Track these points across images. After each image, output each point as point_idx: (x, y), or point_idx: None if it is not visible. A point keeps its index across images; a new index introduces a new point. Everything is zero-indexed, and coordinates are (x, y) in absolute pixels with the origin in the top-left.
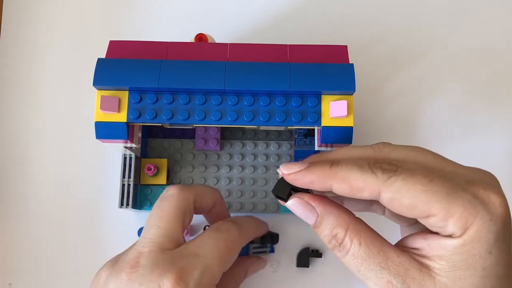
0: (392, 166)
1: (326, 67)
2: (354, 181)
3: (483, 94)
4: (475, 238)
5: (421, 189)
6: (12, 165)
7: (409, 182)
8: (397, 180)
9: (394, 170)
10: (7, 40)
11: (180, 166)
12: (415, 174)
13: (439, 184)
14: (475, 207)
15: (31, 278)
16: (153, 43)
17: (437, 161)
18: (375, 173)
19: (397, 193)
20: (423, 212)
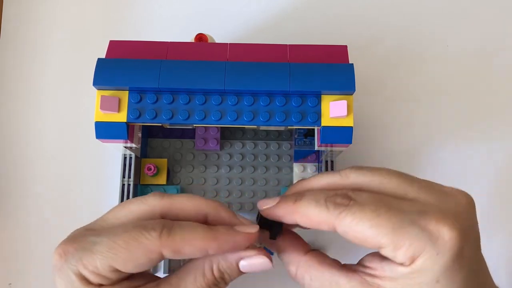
0: (345, 200)
1: (326, 67)
2: (312, 216)
3: (483, 94)
4: (421, 269)
5: (368, 225)
6: (12, 165)
7: (357, 218)
8: (346, 216)
9: (345, 205)
10: (7, 40)
11: (180, 166)
12: (364, 209)
13: (386, 219)
14: (421, 241)
15: (31, 278)
16: (153, 43)
17: (401, 186)
18: (328, 208)
19: (348, 228)
20: (374, 245)
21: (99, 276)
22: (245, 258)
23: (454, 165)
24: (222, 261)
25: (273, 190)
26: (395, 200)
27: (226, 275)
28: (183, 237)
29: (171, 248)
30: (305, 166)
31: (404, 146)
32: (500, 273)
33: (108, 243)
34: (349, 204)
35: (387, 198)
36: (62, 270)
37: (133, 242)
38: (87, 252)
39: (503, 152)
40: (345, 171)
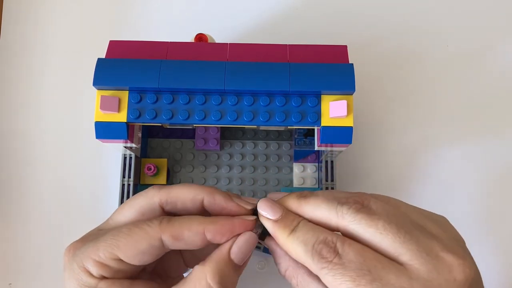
0: (329, 254)
1: (326, 67)
2: (299, 258)
3: (483, 94)
4: None
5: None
6: (12, 165)
7: (337, 281)
8: (328, 274)
9: (329, 260)
10: (7, 40)
11: (180, 166)
12: (345, 275)
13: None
14: None
15: (31, 278)
16: (153, 43)
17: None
18: (313, 258)
19: (328, 284)
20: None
21: (101, 267)
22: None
23: (454, 164)
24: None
25: (273, 190)
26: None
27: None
28: (181, 223)
29: (170, 233)
30: (305, 166)
31: (404, 146)
32: (500, 270)
33: (113, 232)
34: (332, 262)
35: (375, 261)
36: (69, 265)
37: (135, 228)
38: (92, 243)
39: (503, 152)
40: (342, 208)
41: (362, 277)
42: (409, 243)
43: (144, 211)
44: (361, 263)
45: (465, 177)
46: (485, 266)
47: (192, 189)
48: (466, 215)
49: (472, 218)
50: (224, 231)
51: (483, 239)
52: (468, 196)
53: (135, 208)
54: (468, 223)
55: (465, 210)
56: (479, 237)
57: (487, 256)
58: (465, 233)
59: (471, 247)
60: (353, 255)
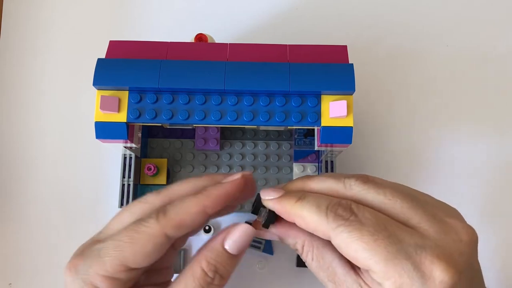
0: (346, 213)
1: (326, 67)
2: (310, 222)
3: (483, 93)
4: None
5: (363, 247)
6: (12, 165)
7: (353, 237)
8: (343, 231)
9: (346, 218)
10: (7, 40)
11: (180, 166)
12: (363, 229)
13: (382, 246)
14: (411, 278)
15: (31, 278)
16: (153, 43)
17: (404, 210)
18: (328, 217)
19: (342, 243)
20: (364, 266)
21: (110, 281)
22: (227, 237)
23: (454, 164)
24: (207, 253)
25: None
26: (397, 225)
27: (219, 266)
28: (178, 211)
29: (171, 225)
30: (305, 166)
31: (404, 145)
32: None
33: (113, 243)
34: (349, 219)
35: (389, 221)
36: (74, 284)
37: (135, 234)
38: (94, 258)
39: (503, 150)
40: (349, 180)
41: (380, 232)
42: (416, 208)
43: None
44: (377, 221)
45: (466, 177)
46: (487, 262)
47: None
48: (466, 214)
49: (473, 218)
50: (222, 201)
51: (484, 238)
52: (469, 195)
53: (135, 214)
54: (470, 222)
55: (466, 209)
56: (481, 236)
57: (488, 253)
58: (482, 227)
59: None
60: (369, 214)
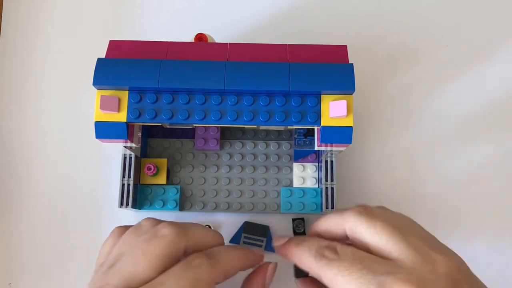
0: (330, 254)
1: (326, 67)
2: (304, 263)
3: (482, 93)
4: None
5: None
6: (12, 165)
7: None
8: (327, 270)
9: (329, 259)
10: (7, 40)
11: (180, 166)
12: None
13: (355, 278)
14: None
15: (31, 278)
16: (153, 43)
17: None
18: (316, 258)
19: (328, 280)
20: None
21: None
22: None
23: (454, 164)
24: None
25: (272, 190)
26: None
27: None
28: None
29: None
30: (305, 166)
31: (404, 145)
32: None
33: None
34: (332, 259)
35: (366, 256)
36: None
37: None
38: None
39: (502, 151)
40: (347, 213)
41: (354, 265)
42: (400, 242)
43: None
44: (354, 257)
45: (465, 177)
46: (481, 263)
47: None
48: (467, 214)
49: (473, 217)
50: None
51: (484, 237)
52: (469, 195)
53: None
54: (469, 222)
55: (465, 209)
56: (479, 236)
57: (487, 254)
58: (466, 232)
59: (471, 245)
60: (349, 252)
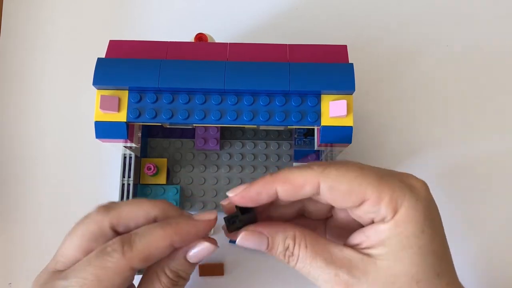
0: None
1: (326, 66)
2: (295, 179)
3: (482, 93)
4: (405, 219)
5: (354, 175)
6: (12, 165)
7: (342, 171)
8: (332, 170)
9: (328, 164)
10: (7, 40)
11: (180, 165)
12: (348, 163)
13: (370, 172)
14: (402, 190)
15: (31, 278)
16: (153, 43)
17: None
18: (312, 167)
19: (334, 180)
20: (358, 197)
21: None
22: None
23: (454, 164)
24: (171, 262)
25: None
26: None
27: (181, 272)
28: (145, 244)
29: (138, 258)
30: None
31: (404, 146)
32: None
33: (78, 282)
34: (330, 163)
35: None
36: None
37: (100, 271)
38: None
39: (503, 150)
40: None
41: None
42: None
43: (95, 238)
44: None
45: (465, 177)
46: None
47: (144, 206)
48: (466, 214)
49: (473, 217)
50: (190, 239)
51: (483, 237)
52: (469, 195)
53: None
54: (468, 221)
55: (465, 209)
56: (479, 235)
57: (487, 256)
58: (465, 231)
59: (470, 244)
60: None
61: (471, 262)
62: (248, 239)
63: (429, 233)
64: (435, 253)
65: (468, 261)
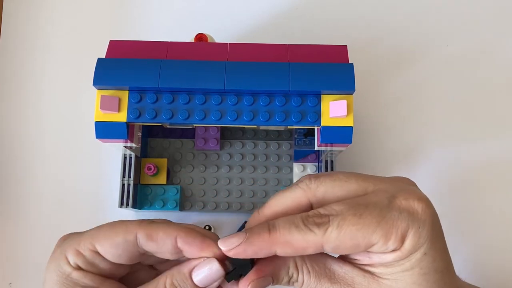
0: (324, 218)
1: (326, 67)
2: (296, 242)
3: (482, 93)
4: (411, 247)
5: (355, 229)
6: (12, 165)
7: (343, 227)
8: (333, 231)
9: (327, 222)
10: (7, 40)
11: (180, 166)
12: (345, 217)
13: (368, 217)
14: (404, 221)
15: (31, 278)
16: (153, 43)
17: (359, 184)
18: (313, 230)
19: (338, 241)
20: (366, 246)
21: (78, 256)
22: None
23: (454, 164)
24: (175, 273)
25: (272, 190)
26: (362, 198)
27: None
28: (158, 225)
29: (145, 231)
30: (305, 166)
31: (404, 146)
32: None
33: (98, 226)
34: (328, 219)
35: (356, 199)
36: (54, 251)
37: (116, 222)
38: (78, 234)
39: (501, 151)
40: (304, 183)
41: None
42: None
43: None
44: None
45: (465, 177)
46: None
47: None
48: (466, 213)
49: (473, 218)
50: (193, 244)
51: (483, 237)
52: (469, 195)
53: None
54: (467, 223)
55: (464, 209)
56: (478, 235)
57: (487, 255)
58: (465, 231)
59: (470, 243)
60: (336, 206)
61: (471, 263)
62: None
63: (431, 254)
64: (437, 270)
65: (468, 261)
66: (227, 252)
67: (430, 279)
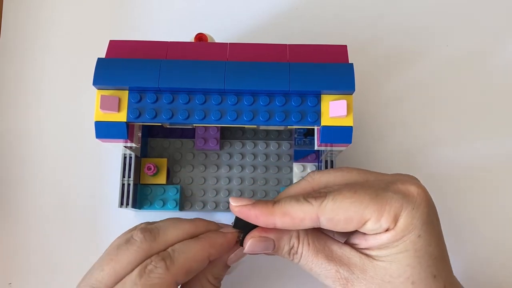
0: (321, 193)
1: (326, 66)
2: (294, 213)
3: (483, 94)
4: (404, 227)
5: (349, 202)
6: (11, 165)
7: (338, 200)
8: (328, 202)
9: (324, 196)
10: (7, 39)
11: (180, 165)
12: (341, 192)
13: (362, 193)
14: (398, 201)
15: (31, 278)
16: (153, 43)
17: (361, 175)
18: (310, 202)
19: (332, 212)
20: (360, 221)
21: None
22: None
23: (454, 164)
24: (213, 269)
25: (272, 190)
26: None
27: (220, 276)
28: (186, 259)
29: (182, 273)
30: (305, 166)
31: (404, 146)
32: None
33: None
34: (326, 193)
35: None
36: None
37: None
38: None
39: (502, 151)
40: (308, 175)
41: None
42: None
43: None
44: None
45: (465, 177)
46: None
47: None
48: (466, 213)
49: (472, 217)
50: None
51: (482, 237)
52: (469, 195)
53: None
54: (467, 221)
55: (464, 209)
56: (477, 235)
57: (487, 252)
58: (464, 231)
59: (470, 244)
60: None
61: (470, 263)
62: (256, 245)
63: (425, 237)
64: (431, 255)
65: (468, 261)
66: (234, 207)
67: (424, 262)
